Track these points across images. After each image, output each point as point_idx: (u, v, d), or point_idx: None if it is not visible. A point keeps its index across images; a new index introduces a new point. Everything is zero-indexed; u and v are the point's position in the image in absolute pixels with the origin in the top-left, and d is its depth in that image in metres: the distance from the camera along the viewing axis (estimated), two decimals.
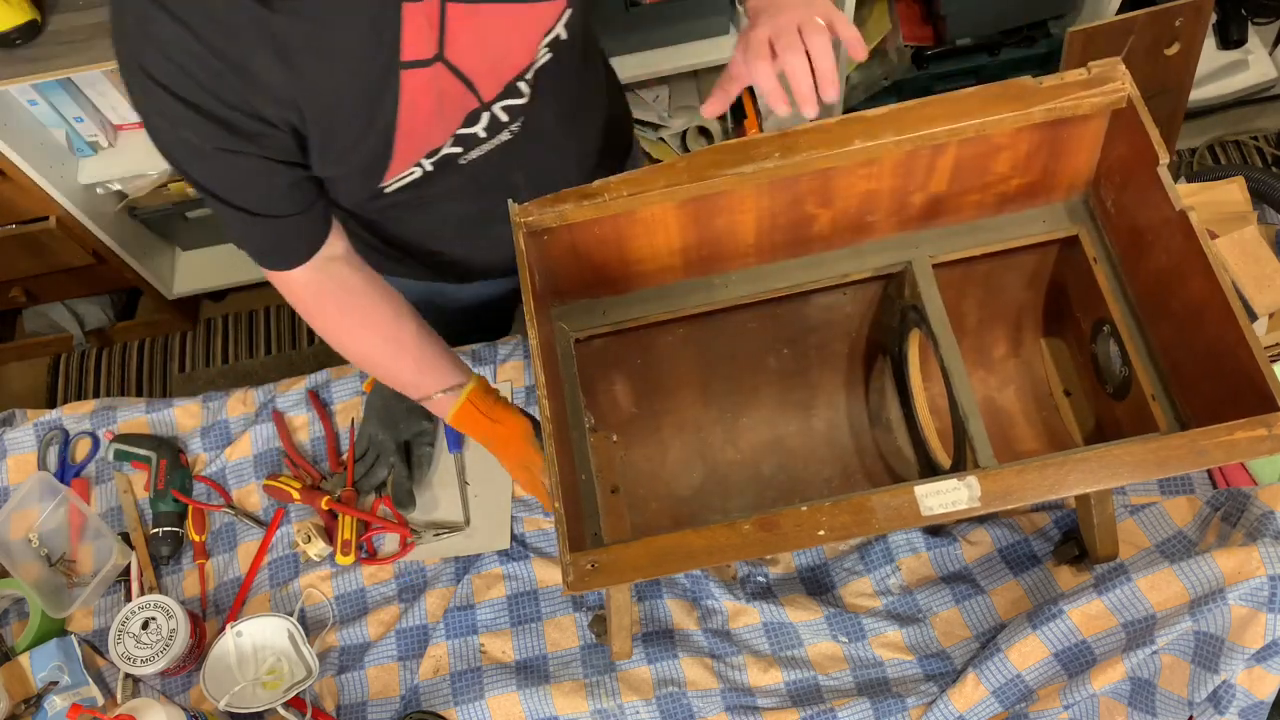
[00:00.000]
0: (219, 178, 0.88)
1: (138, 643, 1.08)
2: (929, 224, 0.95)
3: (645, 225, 0.87)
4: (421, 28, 0.84)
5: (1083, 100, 0.81)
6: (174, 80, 0.79)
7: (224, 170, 0.87)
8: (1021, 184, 0.91)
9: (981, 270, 1.00)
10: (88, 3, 1.62)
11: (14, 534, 1.18)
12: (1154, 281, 0.87)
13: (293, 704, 1.07)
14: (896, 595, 1.09)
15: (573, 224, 0.84)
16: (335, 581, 1.16)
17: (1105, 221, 0.93)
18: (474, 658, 1.09)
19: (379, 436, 1.19)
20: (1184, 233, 0.78)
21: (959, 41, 2.00)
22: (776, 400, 1.14)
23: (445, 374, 1.04)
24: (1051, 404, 1.10)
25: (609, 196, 0.82)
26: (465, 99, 0.92)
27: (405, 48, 0.84)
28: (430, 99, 0.89)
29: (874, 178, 0.86)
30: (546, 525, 1.16)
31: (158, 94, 0.80)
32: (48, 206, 1.91)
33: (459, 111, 0.93)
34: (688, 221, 0.88)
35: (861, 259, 0.97)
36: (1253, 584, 0.89)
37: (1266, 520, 0.94)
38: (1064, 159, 0.89)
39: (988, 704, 0.98)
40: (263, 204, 0.90)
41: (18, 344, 2.41)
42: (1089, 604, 0.96)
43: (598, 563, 0.73)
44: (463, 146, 0.97)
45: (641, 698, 1.04)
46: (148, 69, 0.79)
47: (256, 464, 1.24)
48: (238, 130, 0.83)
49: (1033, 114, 0.81)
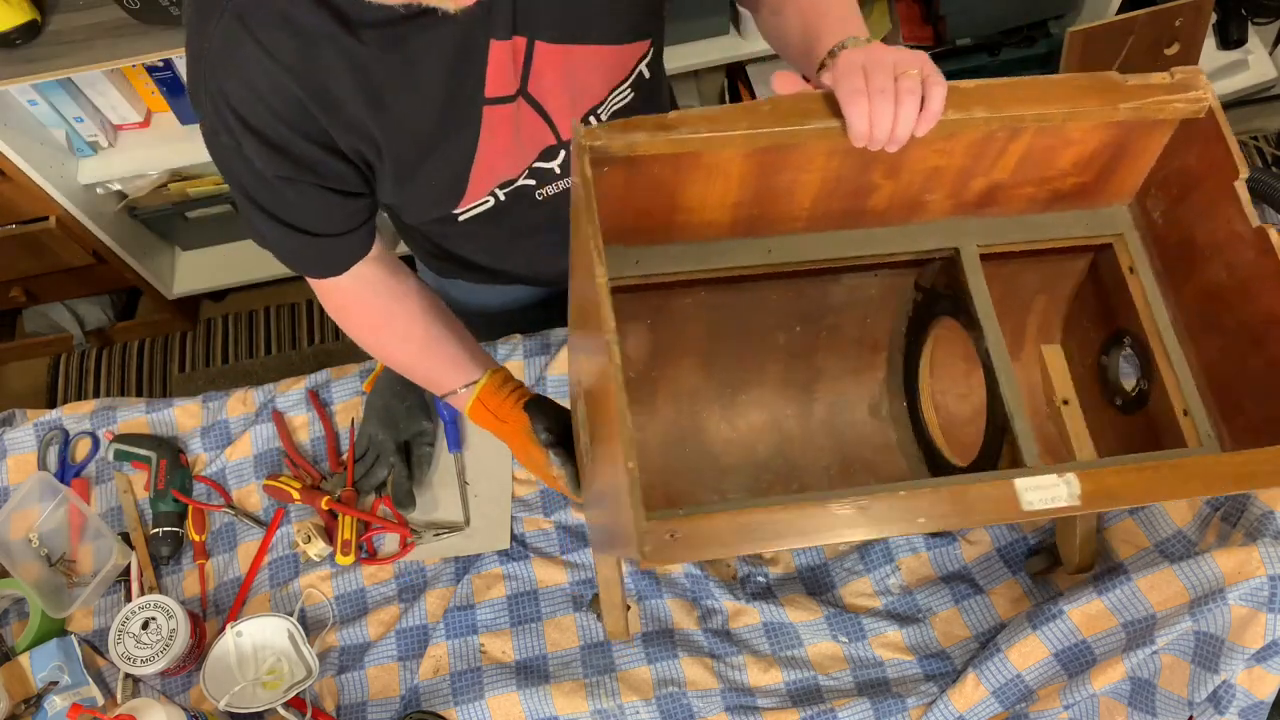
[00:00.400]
0: (275, 200, 0.88)
1: (138, 643, 1.08)
2: (979, 211, 0.93)
3: (707, 171, 0.83)
4: (506, 64, 0.84)
5: (1166, 104, 0.79)
6: (250, 109, 0.79)
7: (282, 194, 0.87)
8: (1076, 184, 0.89)
9: (1009, 267, 0.98)
10: (88, 3, 1.62)
11: (14, 534, 1.18)
12: (1205, 296, 0.85)
13: (293, 704, 1.07)
14: (896, 595, 1.09)
15: (634, 158, 0.78)
16: (335, 581, 1.16)
17: (1150, 231, 0.91)
18: (474, 658, 1.09)
19: (379, 436, 1.19)
20: (1259, 249, 0.77)
21: (959, 41, 2.00)
22: (779, 380, 1.11)
23: (464, 371, 1.04)
24: (1046, 411, 1.10)
25: (686, 131, 0.76)
26: (543, 134, 0.93)
27: (489, 84, 0.85)
28: (509, 132, 0.90)
29: (946, 154, 0.83)
30: (547, 525, 1.16)
31: (229, 118, 0.80)
32: (48, 206, 1.91)
33: (536, 146, 0.94)
34: (750, 173, 0.83)
35: (910, 239, 0.93)
36: (1253, 584, 0.89)
37: (1266, 520, 0.94)
38: (1123, 163, 0.87)
39: (988, 704, 0.98)
40: (314, 225, 0.91)
41: (18, 344, 2.41)
42: (1089, 604, 0.96)
43: (678, 533, 0.66)
44: (536, 180, 0.98)
45: (641, 698, 1.04)
46: (226, 94, 0.79)
47: (256, 464, 1.24)
48: (304, 163, 0.84)
49: (1118, 110, 0.78)
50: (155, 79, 1.83)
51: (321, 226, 0.91)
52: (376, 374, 1.22)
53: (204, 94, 0.80)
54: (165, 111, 1.93)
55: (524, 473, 1.20)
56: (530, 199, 1.00)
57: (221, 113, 0.80)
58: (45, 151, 1.86)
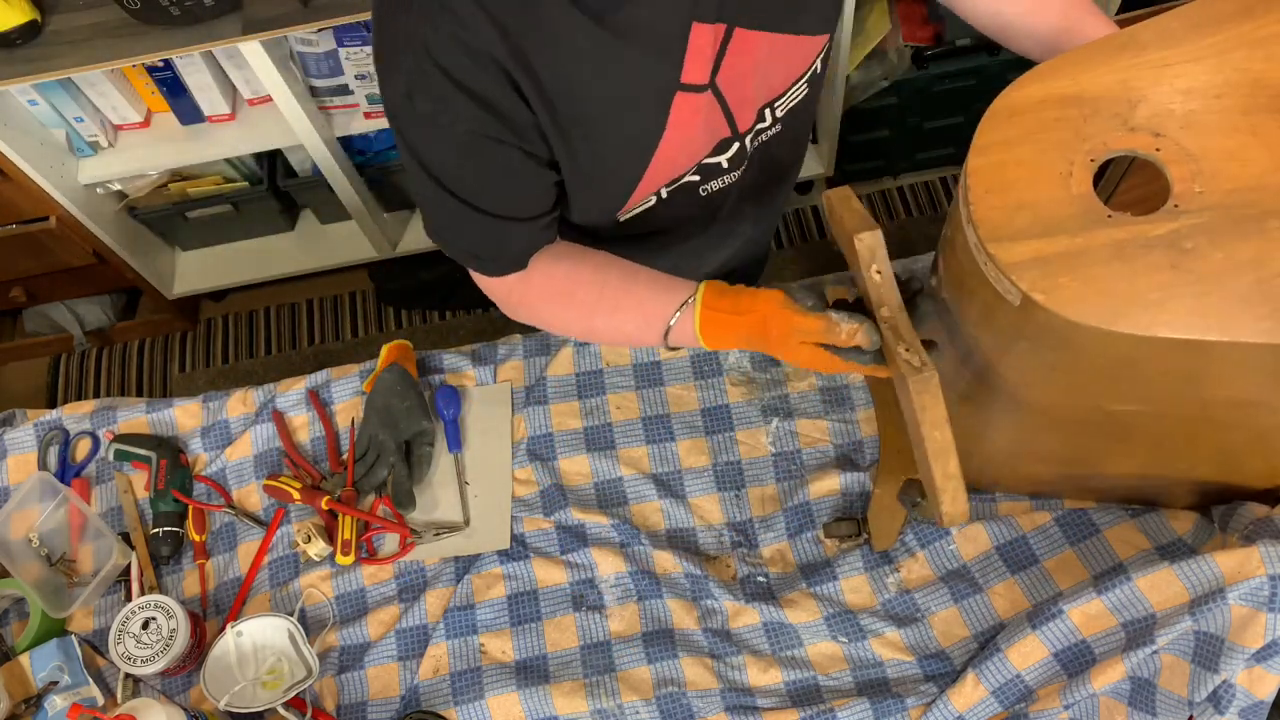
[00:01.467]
0: (471, 172, 0.83)
1: (138, 643, 1.08)
2: None
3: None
4: (704, 50, 0.82)
5: None
6: (457, 63, 0.75)
7: (481, 163, 0.82)
8: None
9: None
10: (88, 3, 1.62)
11: (14, 534, 1.18)
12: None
13: (293, 704, 1.07)
14: (895, 595, 1.09)
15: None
16: (335, 581, 1.16)
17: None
18: (474, 658, 1.09)
19: (379, 436, 1.19)
20: None
21: (959, 42, 2.00)
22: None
23: (664, 304, 0.90)
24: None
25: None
26: (721, 127, 0.91)
27: (687, 69, 0.83)
28: (696, 123, 0.88)
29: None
30: (546, 525, 1.16)
31: (434, 77, 0.76)
32: (48, 206, 1.91)
33: (713, 139, 0.92)
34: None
35: None
36: (1253, 584, 0.89)
37: (1265, 522, 0.94)
38: None
39: (987, 704, 0.98)
40: (507, 205, 0.86)
41: (18, 344, 2.41)
42: (1089, 604, 0.96)
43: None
44: (701, 175, 0.96)
45: (641, 698, 1.04)
46: (431, 49, 0.75)
47: (257, 464, 1.24)
48: (510, 121, 0.79)
49: None
50: (155, 79, 1.83)
51: (512, 208, 0.86)
52: (376, 374, 1.22)
53: (403, 55, 0.76)
54: (165, 111, 1.93)
55: (524, 473, 1.20)
56: (694, 194, 0.96)
57: (425, 71, 0.75)
58: (45, 151, 1.86)
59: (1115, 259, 0.70)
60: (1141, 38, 0.78)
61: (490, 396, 1.25)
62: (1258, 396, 0.78)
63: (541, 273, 0.93)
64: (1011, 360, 0.82)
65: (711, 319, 0.87)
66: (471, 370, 1.27)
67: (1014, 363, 0.82)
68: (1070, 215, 0.72)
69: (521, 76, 0.77)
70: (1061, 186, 0.74)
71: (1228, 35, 0.77)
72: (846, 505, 1.14)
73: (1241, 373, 0.74)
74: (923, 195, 2.40)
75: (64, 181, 1.89)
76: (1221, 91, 0.75)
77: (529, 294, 0.94)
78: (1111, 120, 0.75)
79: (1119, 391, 0.81)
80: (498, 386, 1.26)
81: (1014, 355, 0.81)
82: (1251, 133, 0.73)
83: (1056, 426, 0.92)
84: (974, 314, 0.81)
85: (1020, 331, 0.76)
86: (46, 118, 1.85)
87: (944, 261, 0.85)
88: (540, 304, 0.95)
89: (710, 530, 1.15)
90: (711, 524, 1.15)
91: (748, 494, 1.16)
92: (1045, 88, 0.77)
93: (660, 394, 1.22)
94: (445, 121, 0.79)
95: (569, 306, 0.94)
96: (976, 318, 0.81)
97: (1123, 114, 0.75)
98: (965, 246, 0.76)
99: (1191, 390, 0.78)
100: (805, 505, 1.14)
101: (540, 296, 0.94)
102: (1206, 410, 0.82)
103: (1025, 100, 0.77)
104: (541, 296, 0.94)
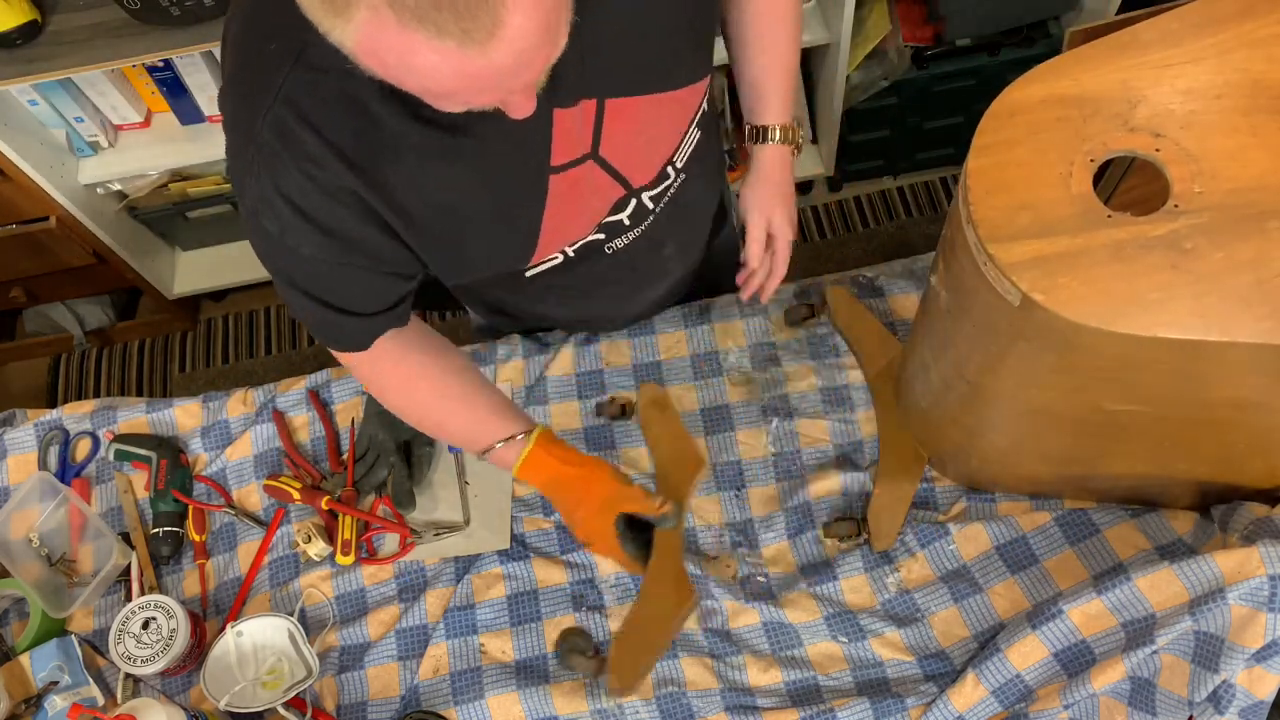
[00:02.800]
0: (319, 283, 0.86)
1: (138, 643, 1.08)
2: None
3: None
4: (573, 130, 0.83)
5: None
6: (304, 196, 0.77)
7: (327, 279, 0.85)
8: None
9: None
10: (88, 3, 1.62)
11: (14, 534, 1.18)
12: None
13: (293, 704, 1.07)
14: (895, 595, 1.09)
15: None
16: (335, 581, 1.16)
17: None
18: (474, 658, 1.09)
19: (379, 436, 1.19)
20: None
21: (959, 41, 1.99)
22: None
23: (504, 423, 0.98)
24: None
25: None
26: (613, 190, 0.92)
27: (555, 153, 0.83)
28: (578, 195, 0.89)
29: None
30: (546, 525, 1.16)
31: (280, 207, 0.78)
32: (48, 206, 1.91)
33: (606, 202, 0.93)
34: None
35: None
36: (1253, 584, 0.89)
37: (1264, 522, 0.94)
38: None
39: (987, 704, 0.98)
40: (354, 305, 0.88)
41: (18, 344, 2.41)
42: (1089, 604, 0.96)
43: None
44: (606, 234, 0.97)
45: (641, 698, 1.04)
46: (278, 183, 0.76)
47: (257, 464, 1.24)
48: (357, 247, 0.82)
49: None
50: (155, 79, 1.83)
51: (362, 306, 0.89)
52: None
53: (251, 182, 0.77)
54: (165, 111, 1.93)
55: None
56: (599, 252, 0.99)
57: (271, 201, 0.78)
58: (45, 151, 1.86)
59: (1115, 259, 0.71)
60: (1143, 38, 0.78)
61: None
62: (1258, 397, 0.78)
63: (392, 359, 0.96)
64: (1012, 361, 0.82)
65: (538, 457, 0.96)
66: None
67: (1014, 363, 0.82)
68: (1070, 215, 0.72)
69: (374, 198, 0.79)
70: (1061, 187, 0.74)
71: (1228, 35, 0.77)
72: (846, 505, 1.14)
73: (1241, 373, 0.74)
74: (923, 195, 2.40)
75: (64, 181, 1.89)
76: (1222, 92, 0.75)
77: (375, 374, 0.98)
78: (1112, 120, 0.75)
79: (1119, 392, 0.81)
80: (498, 387, 1.26)
81: (1014, 356, 0.81)
82: (1252, 133, 0.73)
83: (1056, 426, 0.92)
84: (975, 314, 0.81)
85: (1020, 332, 0.76)
86: (46, 118, 1.85)
87: (944, 262, 0.85)
88: (386, 387, 0.99)
89: (710, 530, 1.15)
90: (712, 524, 1.15)
91: (748, 494, 1.16)
92: (1046, 88, 0.77)
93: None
94: (291, 244, 0.81)
95: (410, 398, 1.00)
96: (977, 318, 0.81)
97: (1123, 114, 0.75)
98: (965, 247, 0.76)
99: (1191, 391, 0.78)
100: (805, 505, 1.14)
101: (388, 380, 0.98)
102: (1207, 411, 0.82)
103: (1025, 100, 0.77)
104: (389, 381, 0.99)
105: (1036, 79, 0.78)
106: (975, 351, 0.86)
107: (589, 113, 0.83)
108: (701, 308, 1.27)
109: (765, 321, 1.25)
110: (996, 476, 1.09)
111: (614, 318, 1.23)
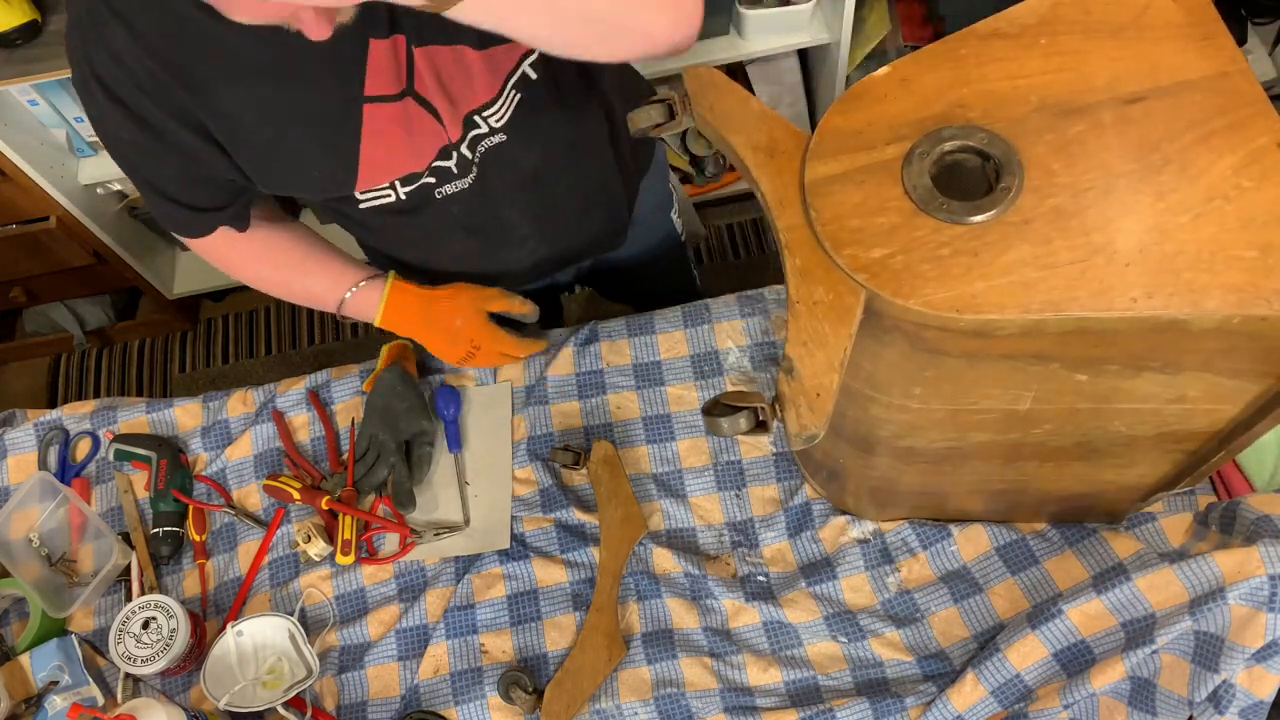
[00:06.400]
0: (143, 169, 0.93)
1: (138, 642, 1.08)
2: None
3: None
4: (387, 63, 0.85)
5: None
6: (114, 78, 0.82)
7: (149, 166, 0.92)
8: None
9: None
10: None
11: (14, 534, 1.19)
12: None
13: (293, 704, 1.07)
14: (895, 595, 1.09)
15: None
16: (335, 581, 1.16)
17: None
18: (474, 657, 1.09)
19: (379, 436, 1.19)
20: None
21: None
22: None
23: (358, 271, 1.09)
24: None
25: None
26: (437, 133, 0.94)
27: (369, 83, 0.86)
28: (398, 130, 0.91)
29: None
30: (546, 524, 1.16)
31: (94, 87, 0.83)
32: (48, 206, 1.91)
33: (433, 143, 0.95)
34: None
35: None
36: (1253, 583, 0.89)
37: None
38: None
39: (987, 704, 0.98)
40: (182, 197, 0.95)
41: (18, 344, 2.41)
42: (1088, 604, 0.96)
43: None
44: (436, 178, 0.99)
45: (640, 698, 1.04)
46: (92, 62, 0.82)
47: (257, 464, 1.24)
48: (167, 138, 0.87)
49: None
50: None
51: (191, 200, 0.95)
52: (376, 374, 1.22)
53: (74, 67, 0.84)
54: None
55: (524, 473, 1.20)
56: (431, 199, 1.01)
57: (88, 86, 0.84)
58: (45, 151, 1.87)
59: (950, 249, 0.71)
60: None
61: (490, 396, 1.25)
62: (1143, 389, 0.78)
63: (239, 240, 1.05)
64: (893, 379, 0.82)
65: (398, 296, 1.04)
66: (472, 370, 1.27)
67: (895, 379, 0.82)
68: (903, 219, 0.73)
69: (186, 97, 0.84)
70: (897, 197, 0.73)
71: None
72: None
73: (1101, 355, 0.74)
74: None
75: (64, 181, 1.89)
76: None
77: (224, 257, 1.08)
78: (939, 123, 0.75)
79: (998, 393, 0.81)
80: (498, 386, 1.26)
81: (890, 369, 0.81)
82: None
83: (962, 457, 0.93)
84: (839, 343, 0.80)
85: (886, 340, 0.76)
86: (46, 118, 1.85)
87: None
88: (237, 265, 1.09)
89: (710, 530, 1.15)
90: (712, 524, 1.15)
91: (748, 494, 1.16)
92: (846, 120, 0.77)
93: (660, 394, 1.22)
94: (111, 129, 0.87)
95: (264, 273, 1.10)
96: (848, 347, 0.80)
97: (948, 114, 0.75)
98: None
99: (1072, 384, 0.78)
100: (805, 505, 1.14)
101: (238, 259, 1.08)
102: (1102, 404, 0.81)
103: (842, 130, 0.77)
104: (239, 260, 1.09)
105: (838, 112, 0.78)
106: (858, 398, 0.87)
107: (400, 48, 0.85)
108: (702, 308, 1.27)
109: (765, 321, 1.25)
110: (943, 508, 1.09)
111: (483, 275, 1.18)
